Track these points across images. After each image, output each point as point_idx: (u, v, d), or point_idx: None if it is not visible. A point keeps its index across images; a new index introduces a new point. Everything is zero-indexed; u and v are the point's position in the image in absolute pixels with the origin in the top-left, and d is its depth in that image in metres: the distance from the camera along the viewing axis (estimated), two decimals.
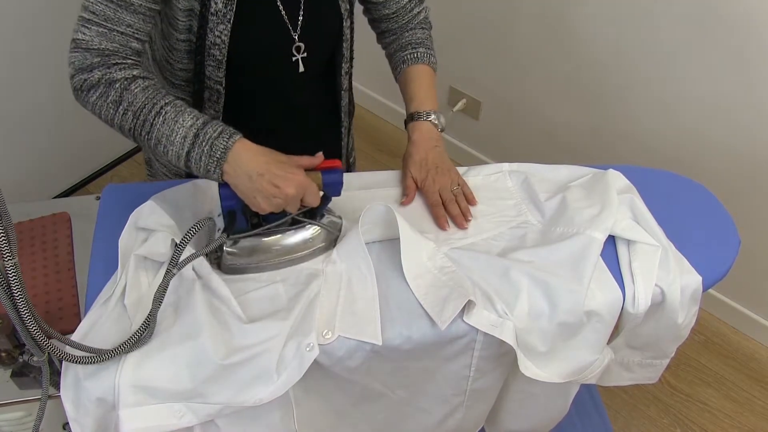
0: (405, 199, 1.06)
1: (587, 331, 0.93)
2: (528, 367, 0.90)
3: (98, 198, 1.06)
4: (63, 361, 0.79)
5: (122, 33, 0.87)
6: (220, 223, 0.92)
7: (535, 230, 1.02)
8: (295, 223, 0.94)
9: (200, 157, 0.84)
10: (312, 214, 0.94)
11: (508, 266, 0.92)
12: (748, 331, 1.99)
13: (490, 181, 1.11)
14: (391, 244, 0.96)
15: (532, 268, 0.92)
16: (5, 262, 0.66)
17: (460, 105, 2.25)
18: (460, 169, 1.13)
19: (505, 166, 1.14)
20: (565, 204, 1.02)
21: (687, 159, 1.79)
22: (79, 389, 0.79)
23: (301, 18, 1.01)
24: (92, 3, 0.85)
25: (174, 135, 0.84)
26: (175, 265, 0.80)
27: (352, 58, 1.16)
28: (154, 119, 0.85)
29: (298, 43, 1.03)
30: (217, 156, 0.83)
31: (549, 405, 1.09)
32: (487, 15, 2.01)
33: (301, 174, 0.86)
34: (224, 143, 0.84)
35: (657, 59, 1.70)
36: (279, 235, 0.93)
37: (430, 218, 1.04)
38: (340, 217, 1.00)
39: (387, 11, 1.14)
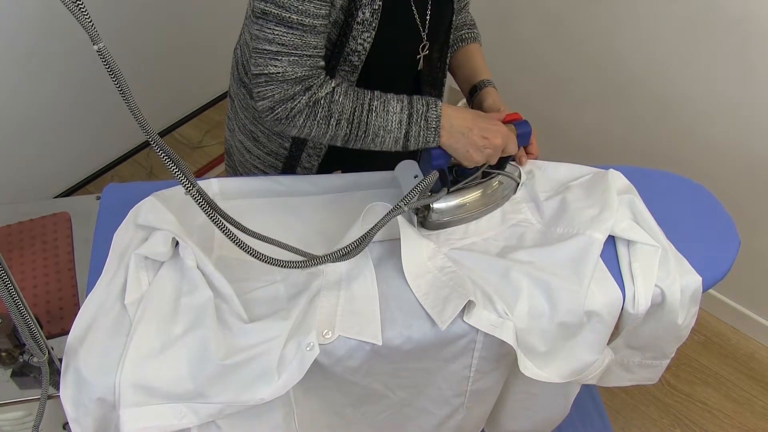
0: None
1: (587, 331, 0.93)
2: (528, 367, 0.90)
3: (98, 198, 1.06)
4: (63, 361, 0.79)
5: (310, 56, 0.90)
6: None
7: (535, 230, 1.02)
8: (485, 176, 1.01)
9: (419, 133, 0.92)
10: (498, 165, 1.01)
11: (509, 266, 0.92)
12: (748, 331, 1.99)
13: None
14: (391, 244, 0.96)
15: (533, 268, 0.92)
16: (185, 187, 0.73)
17: (459, 105, 2.25)
18: None
19: None
20: (565, 204, 1.02)
21: (687, 159, 1.79)
22: (79, 389, 0.79)
23: (428, 17, 1.03)
24: (278, 35, 0.87)
25: (389, 123, 0.92)
26: (407, 203, 0.90)
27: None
28: (367, 117, 0.91)
29: (424, 42, 1.06)
30: (434, 126, 0.92)
31: (549, 405, 1.09)
32: (487, 14, 2.01)
33: (502, 125, 0.95)
34: (435, 113, 0.92)
35: (657, 59, 1.70)
36: (477, 187, 1.00)
37: None
38: (517, 167, 1.06)
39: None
